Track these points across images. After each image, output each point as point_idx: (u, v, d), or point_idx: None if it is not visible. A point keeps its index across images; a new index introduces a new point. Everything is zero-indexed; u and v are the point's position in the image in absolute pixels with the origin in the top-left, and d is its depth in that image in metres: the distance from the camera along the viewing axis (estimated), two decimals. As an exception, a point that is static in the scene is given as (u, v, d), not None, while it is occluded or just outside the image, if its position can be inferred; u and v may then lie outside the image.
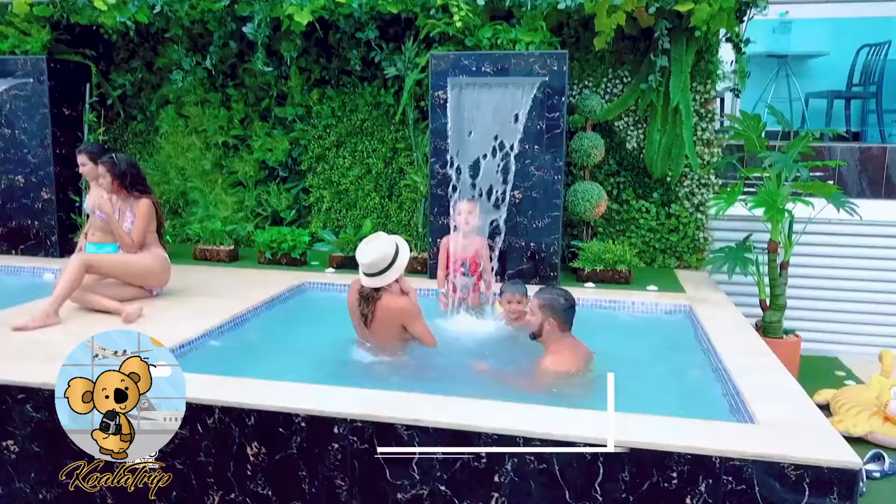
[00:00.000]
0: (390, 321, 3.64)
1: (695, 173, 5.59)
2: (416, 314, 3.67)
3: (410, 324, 3.66)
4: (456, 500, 2.70)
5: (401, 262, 3.59)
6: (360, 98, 6.08)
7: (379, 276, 3.56)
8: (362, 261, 3.55)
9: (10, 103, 5.80)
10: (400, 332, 3.68)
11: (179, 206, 6.63)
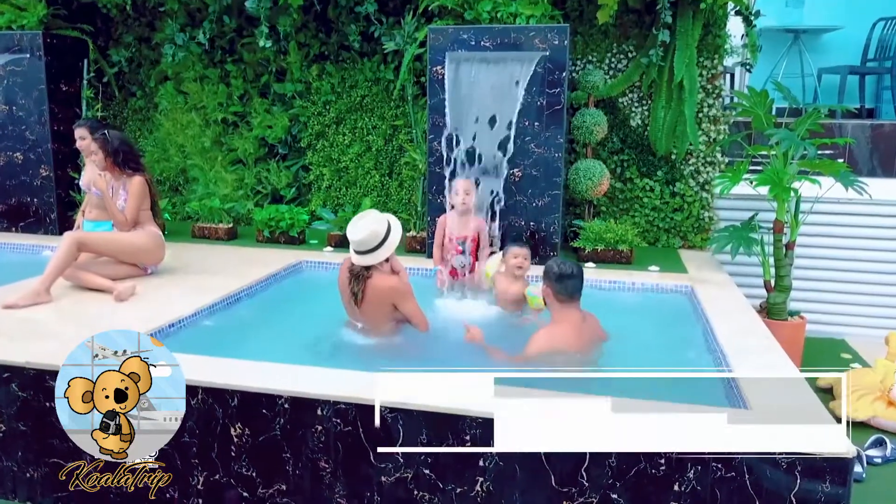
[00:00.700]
0: (381, 301, 3.57)
1: (698, 151, 5.46)
2: (408, 293, 3.60)
3: (401, 303, 3.59)
4: (440, 484, 2.66)
5: (392, 240, 3.52)
6: (360, 74, 5.98)
7: (370, 254, 3.49)
8: (353, 238, 3.48)
9: (7, 79, 5.75)
10: (391, 311, 3.62)
11: (179, 183, 6.59)
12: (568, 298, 3.44)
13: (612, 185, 5.65)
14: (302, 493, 2.80)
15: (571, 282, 3.43)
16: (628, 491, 2.49)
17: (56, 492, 3.06)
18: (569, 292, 3.44)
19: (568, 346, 3.38)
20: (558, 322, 3.44)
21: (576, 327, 3.44)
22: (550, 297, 3.44)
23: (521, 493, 2.58)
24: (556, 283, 3.41)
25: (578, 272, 3.44)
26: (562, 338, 3.38)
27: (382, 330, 3.65)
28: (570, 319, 3.44)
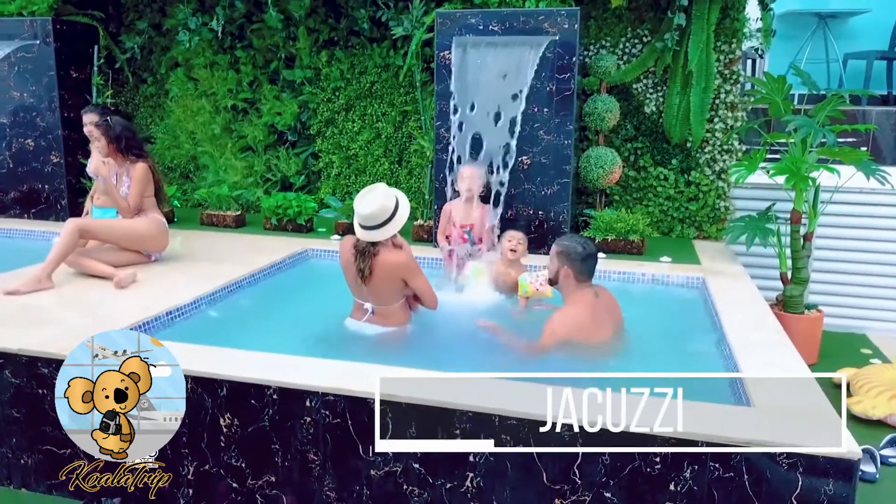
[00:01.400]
0: (390, 277, 3.45)
1: (714, 138, 5.30)
2: (417, 268, 3.50)
3: (411, 278, 3.48)
4: (430, 479, 2.59)
5: (401, 215, 3.40)
6: (370, 60, 5.90)
7: (378, 230, 3.35)
8: (361, 212, 3.33)
9: (18, 66, 5.76)
10: (401, 287, 3.50)
11: (190, 170, 6.58)
12: (587, 279, 3.36)
13: (626, 174, 5.52)
14: (291, 485, 2.75)
15: (594, 262, 3.36)
16: (622, 489, 2.40)
17: (49, 479, 3.05)
18: (590, 272, 3.36)
19: (585, 328, 3.28)
20: (573, 303, 3.35)
21: (591, 307, 3.35)
22: (570, 277, 3.35)
23: (512, 489, 2.51)
24: (580, 263, 3.31)
25: (597, 250, 3.43)
26: (577, 320, 3.29)
27: (391, 308, 3.55)
28: (584, 299, 3.35)
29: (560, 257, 3.36)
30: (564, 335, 3.27)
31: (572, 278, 3.34)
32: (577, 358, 3.26)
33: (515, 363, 3.23)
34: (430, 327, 3.70)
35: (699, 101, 5.09)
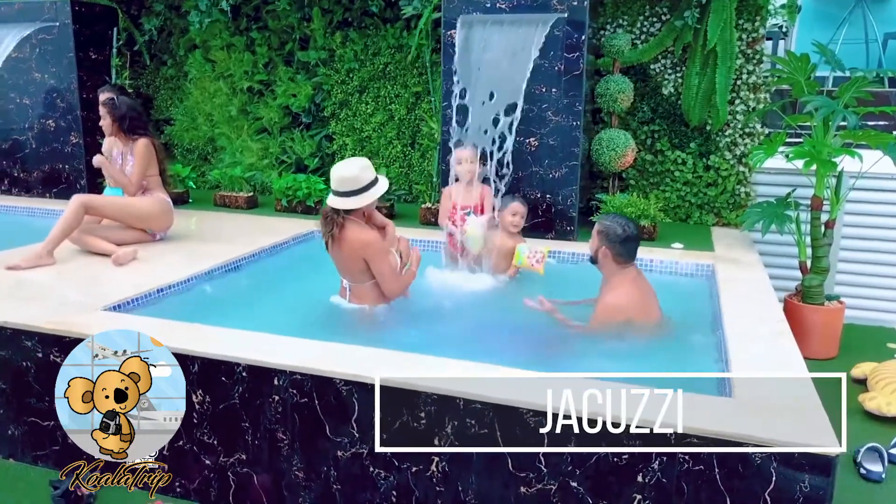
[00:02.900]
0: (353, 254, 3.40)
1: (734, 121, 5.08)
2: (381, 250, 3.41)
3: (372, 260, 3.39)
4: (396, 462, 2.53)
5: (372, 192, 3.34)
6: (383, 41, 5.83)
7: (348, 198, 3.31)
8: (335, 175, 3.31)
9: (38, 47, 5.87)
10: (364, 267, 3.44)
11: (208, 152, 6.62)
12: (627, 261, 3.27)
13: (642, 158, 5.34)
14: (260, 463, 2.73)
15: (635, 244, 3.28)
16: (588, 479, 2.30)
17: (35, 450, 3.09)
18: (631, 254, 3.27)
19: (638, 307, 3.22)
20: (618, 286, 3.27)
21: (638, 288, 3.28)
22: (608, 258, 3.27)
23: (477, 474, 2.43)
24: (620, 245, 3.24)
25: (639, 231, 3.30)
26: (630, 299, 3.23)
27: (364, 286, 3.49)
28: (630, 280, 3.27)
29: (600, 237, 3.30)
30: (619, 314, 3.21)
31: (611, 259, 3.28)
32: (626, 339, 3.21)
33: (490, 349, 3.15)
34: (412, 307, 3.64)
35: (724, 81, 4.88)
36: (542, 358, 3.23)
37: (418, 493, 2.52)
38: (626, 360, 3.09)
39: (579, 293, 3.70)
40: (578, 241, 4.76)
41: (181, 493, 2.86)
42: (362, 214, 3.43)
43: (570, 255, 4.57)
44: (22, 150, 6.14)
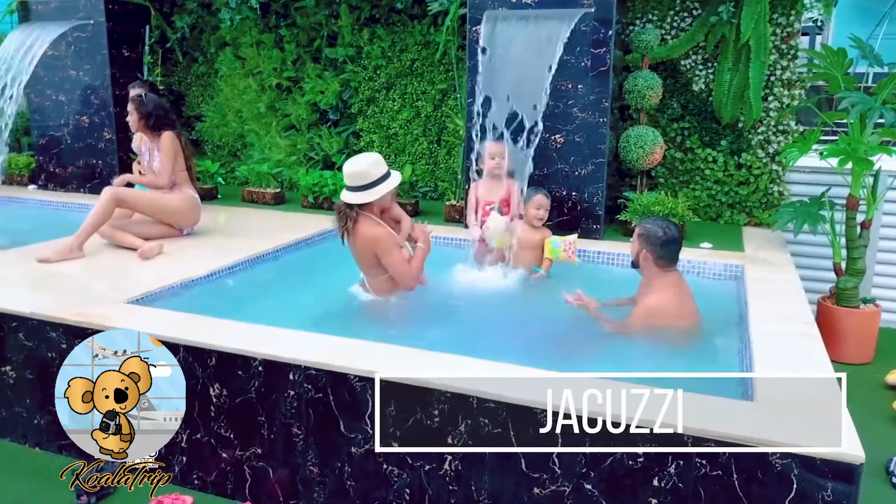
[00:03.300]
0: (365, 248, 3.46)
1: (768, 118, 4.95)
2: (389, 245, 3.44)
3: (382, 254, 3.44)
4: (409, 460, 2.52)
5: (385, 185, 3.37)
6: (410, 37, 5.81)
7: (356, 192, 3.36)
8: (345, 170, 3.38)
9: (73, 45, 5.98)
10: (376, 262, 3.48)
11: (237, 148, 6.69)
12: (669, 264, 3.22)
13: (672, 156, 5.24)
14: (276, 457, 2.74)
15: (676, 248, 3.22)
16: (603, 482, 2.26)
17: (59, 439, 3.14)
18: (673, 258, 3.22)
19: (677, 311, 3.16)
20: (660, 290, 3.21)
21: (680, 293, 3.22)
22: (649, 261, 3.22)
23: (490, 474, 2.40)
24: (660, 248, 3.18)
25: (681, 235, 3.24)
26: (671, 301, 3.17)
27: (378, 279, 3.53)
28: (672, 285, 3.22)
29: (641, 240, 3.24)
30: (658, 318, 3.15)
31: (652, 262, 3.22)
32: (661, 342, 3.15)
33: (513, 348, 3.11)
34: (434, 303, 3.62)
35: (758, 76, 4.74)
36: (564, 357, 3.18)
37: (431, 491, 2.50)
38: (649, 360, 3.03)
39: (605, 293, 3.62)
40: (605, 240, 4.69)
41: (199, 485, 2.88)
42: (377, 209, 3.44)
43: (595, 253, 4.51)
44: (58, 145, 6.28)
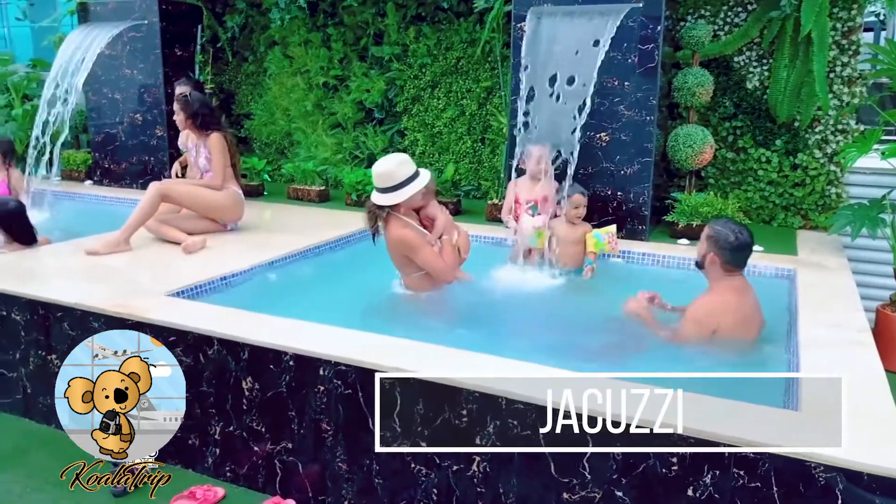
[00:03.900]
0: (394, 249, 3.48)
1: (826, 116, 4.74)
2: (417, 244, 3.41)
3: (412, 254, 3.44)
4: (437, 460, 2.48)
5: (406, 190, 3.33)
6: (456, 35, 5.78)
7: (381, 194, 3.37)
8: (373, 171, 3.39)
9: (128, 45, 6.15)
10: (408, 261, 3.48)
11: (285, 146, 6.77)
12: (735, 269, 3.08)
13: (723, 156, 5.07)
14: (305, 453, 2.73)
15: (746, 254, 3.06)
16: (634, 489, 2.17)
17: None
18: (740, 264, 3.08)
19: (732, 320, 3.00)
20: (719, 292, 3.07)
21: (739, 298, 3.05)
22: (715, 265, 3.07)
23: (518, 476, 2.34)
24: (729, 252, 3.03)
25: (752, 240, 3.08)
26: (725, 308, 3.02)
27: (412, 277, 3.52)
28: (733, 289, 3.06)
29: (709, 242, 3.09)
30: (708, 324, 3.01)
31: (718, 266, 3.06)
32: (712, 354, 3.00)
33: (536, 347, 3.04)
34: (471, 302, 3.57)
35: (821, 69, 4.52)
36: (602, 357, 3.10)
37: (459, 492, 2.45)
38: (688, 365, 2.92)
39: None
40: (650, 241, 4.56)
41: (231, 477, 2.90)
42: (406, 209, 3.43)
43: (640, 255, 4.39)
44: (113, 142, 6.47)
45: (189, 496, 2.73)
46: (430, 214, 3.55)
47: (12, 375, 3.40)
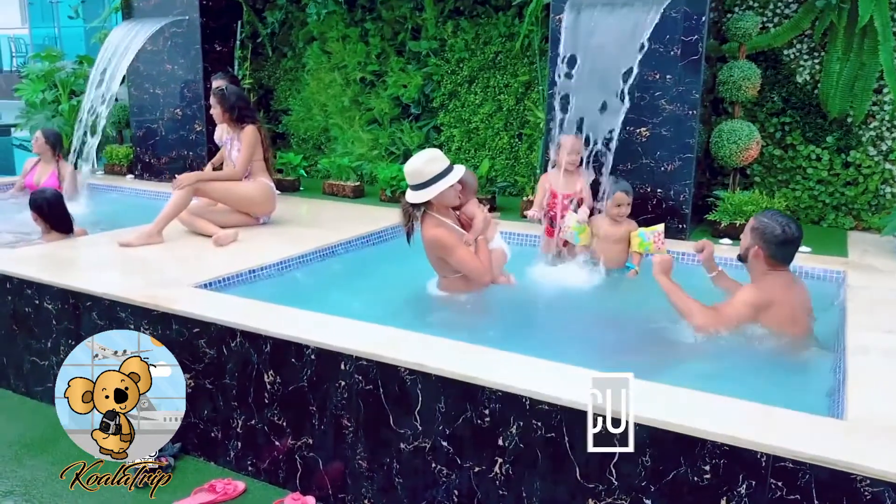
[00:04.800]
0: (429, 250, 3.38)
1: (884, 113, 4.51)
2: (451, 244, 3.30)
3: (446, 255, 3.32)
4: (458, 460, 2.39)
5: (436, 186, 3.21)
6: (494, 29, 5.69)
7: (415, 192, 3.27)
8: (405, 168, 3.30)
9: (170, 40, 6.22)
10: (443, 262, 3.37)
11: (322, 142, 6.77)
12: (781, 264, 2.93)
13: (770, 153, 4.87)
14: (325, 449, 2.68)
15: (793, 248, 2.91)
16: (664, 497, 2.06)
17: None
18: (787, 259, 2.93)
19: (779, 311, 2.85)
20: (770, 285, 2.90)
21: (787, 293, 2.91)
22: (760, 259, 2.92)
23: (542, 480, 2.24)
24: (776, 247, 2.87)
25: (802, 234, 2.92)
26: (771, 297, 2.86)
27: (448, 279, 3.42)
28: (780, 285, 2.91)
29: (754, 234, 2.93)
30: (753, 312, 2.84)
31: (763, 261, 2.91)
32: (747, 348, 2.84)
33: (570, 348, 2.92)
34: (504, 299, 3.47)
35: (890, 59, 4.26)
36: (635, 360, 2.97)
37: (480, 494, 2.36)
38: (729, 368, 2.78)
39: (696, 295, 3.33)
40: (691, 241, 4.40)
41: (252, 471, 2.87)
42: (440, 207, 3.33)
43: (680, 254, 4.21)
44: (153, 137, 6.55)
45: (209, 489, 2.70)
46: (469, 213, 3.45)
47: (44, 363, 3.44)
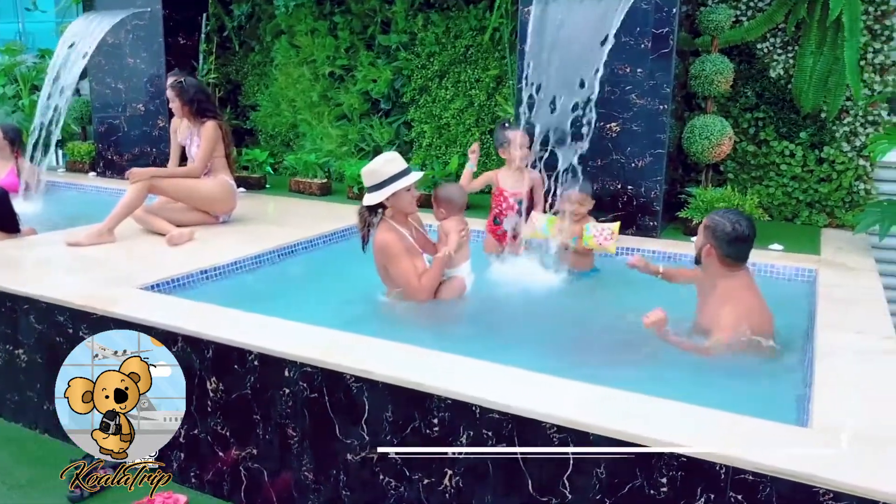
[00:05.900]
0: (376, 256, 3.21)
1: (855, 107, 4.43)
2: (394, 253, 3.13)
3: (388, 263, 3.17)
4: (406, 472, 2.26)
5: (386, 190, 3.08)
6: (465, 23, 5.55)
7: (372, 192, 3.13)
8: (362, 170, 3.20)
9: (132, 33, 6.03)
10: (384, 274, 3.22)
11: (290, 138, 6.60)
12: (735, 263, 2.83)
13: (743, 149, 4.78)
14: (271, 459, 2.54)
15: (746, 246, 2.81)
16: (619, 512, 1.94)
17: (67, 427, 3.05)
18: (739, 258, 2.83)
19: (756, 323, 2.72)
20: (732, 294, 2.79)
21: (751, 295, 2.81)
22: (712, 257, 2.82)
23: (493, 494, 2.12)
24: (727, 245, 2.78)
25: (754, 232, 2.82)
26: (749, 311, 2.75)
27: (390, 296, 3.27)
28: (744, 287, 2.82)
29: (706, 232, 2.84)
30: (744, 328, 2.72)
31: (716, 259, 2.82)
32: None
33: (529, 352, 2.80)
34: (459, 301, 3.35)
35: (853, 57, 4.18)
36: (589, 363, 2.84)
37: (429, 508, 2.23)
38: (692, 372, 2.66)
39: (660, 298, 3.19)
40: (662, 239, 4.30)
41: (196, 483, 2.72)
42: (401, 214, 3.22)
43: (650, 253, 4.11)
44: (116, 133, 6.36)
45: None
46: (445, 229, 3.30)
47: (-19, 370, 3.27)
